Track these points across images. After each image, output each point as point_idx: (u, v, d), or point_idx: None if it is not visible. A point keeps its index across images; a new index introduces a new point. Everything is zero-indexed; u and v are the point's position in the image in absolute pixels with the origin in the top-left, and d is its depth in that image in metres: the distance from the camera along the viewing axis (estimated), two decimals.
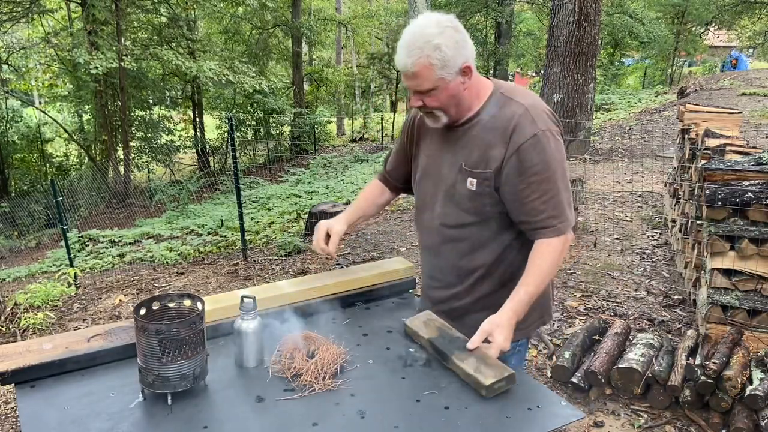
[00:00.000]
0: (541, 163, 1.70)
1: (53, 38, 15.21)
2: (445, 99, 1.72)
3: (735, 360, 3.04)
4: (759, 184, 3.29)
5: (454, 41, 1.67)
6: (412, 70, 1.67)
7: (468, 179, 1.78)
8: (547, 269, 1.74)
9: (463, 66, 1.69)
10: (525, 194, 1.72)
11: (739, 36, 28.16)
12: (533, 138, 1.70)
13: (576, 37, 9.49)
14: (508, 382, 1.58)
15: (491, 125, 1.75)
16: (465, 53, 1.69)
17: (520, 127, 1.71)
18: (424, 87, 1.69)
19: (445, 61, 1.65)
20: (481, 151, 1.76)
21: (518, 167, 1.71)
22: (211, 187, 13.97)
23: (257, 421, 1.46)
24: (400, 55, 1.68)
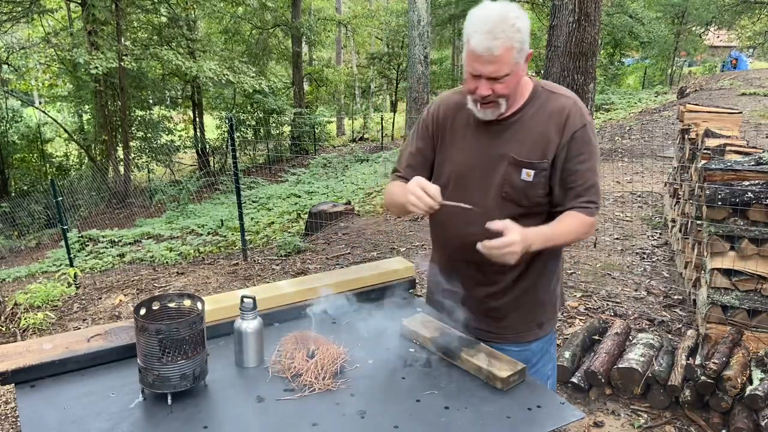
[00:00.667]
0: (587, 152, 1.78)
1: (53, 38, 15.22)
2: (514, 86, 1.72)
3: (735, 360, 3.04)
4: (759, 184, 3.29)
5: (527, 26, 1.68)
6: (496, 53, 1.63)
7: (523, 170, 1.78)
8: (571, 231, 1.78)
9: (528, 53, 1.71)
10: (570, 179, 1.77)
11: (739, 36, 28.17)
12: (583, 128, 1.77)
13: (576, 37, 9.47)
14: (520, 375, 1.62)
15: (542, 117, 1.78)
16: (528, 40, 1.70)
17: (573, 117, 1.77)
18: (502, 72, 1.66)
19: (522, 44, 1.66)
20: (534, 141, 1.77)
21: (568, 154, 1.76)
22: (211, 187, 13.98)
23: (257, 421, 1.46)
24: (484, 39, 1.62)
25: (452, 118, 1.89)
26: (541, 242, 1.71)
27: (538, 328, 1.94)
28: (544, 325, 1.95)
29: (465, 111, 1.84)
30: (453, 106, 1.90)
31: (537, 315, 1.93)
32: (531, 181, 1.77)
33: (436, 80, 23.86)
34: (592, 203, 1.78)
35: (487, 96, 1.71)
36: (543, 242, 1.72)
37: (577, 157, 1.76)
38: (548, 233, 1.74)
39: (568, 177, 1.77)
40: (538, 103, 1.80)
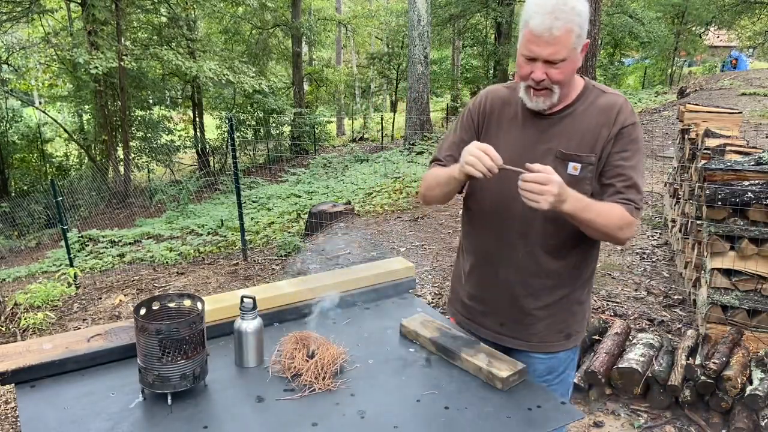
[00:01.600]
0: (632, 150, 1.72)
1: (53, 38, 15.21)
2: (569, 73, 1.67)
3: (735, 360, 3.04)
4: (759, 184, 3.29)
5: (587, 11, 1.64)
6: (556, 34, 1.58)
7: (569, 164, 1.72)
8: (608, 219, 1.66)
9: (586, 42, 1.67)
10: (611, 174, 1.71)
11: (739, 36, 28.16)
12: (633, 125, 1.73)
13: None
14: (520, 375, 1.62)
15: (592, 113, 1.74)
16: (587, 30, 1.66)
17: (623, 113, 1.72)
18: (560, 55, 1.61)
19: (582, 29, 1.62)
20: (583, 136, 1.73)
21: (613, 148, 1.71)
22: (211, 187, 13.97)
23: (257, 421, 1.46)
24: (544, 19, 1.58)
25: (499, 110, 1.84)
26: (576, 203, 1.60)
27: (566, 339, 1.88)
28: (572, 337, 1.89)
29: (513, 105, 1.81)
30: (500, 99, 1.85)
31: (567, 325, 1.87)
32: (577, 176, 1.71)
33: (436, 80, 23.86)
34: (633, 202, 1.69)
35: (541, 81, 1.65)
36: (579, 206, 1.61)
37: (621, 153, 1.70)
38: (587, 201, 1.64)
39: (608, 171, 1.71)
40: (589, 100, 1.76)
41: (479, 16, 20.87)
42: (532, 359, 1.81)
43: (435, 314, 2.02)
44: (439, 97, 27.75)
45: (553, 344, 1.86)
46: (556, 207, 1.56)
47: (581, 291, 1.87)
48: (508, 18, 19.57)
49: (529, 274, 1.80)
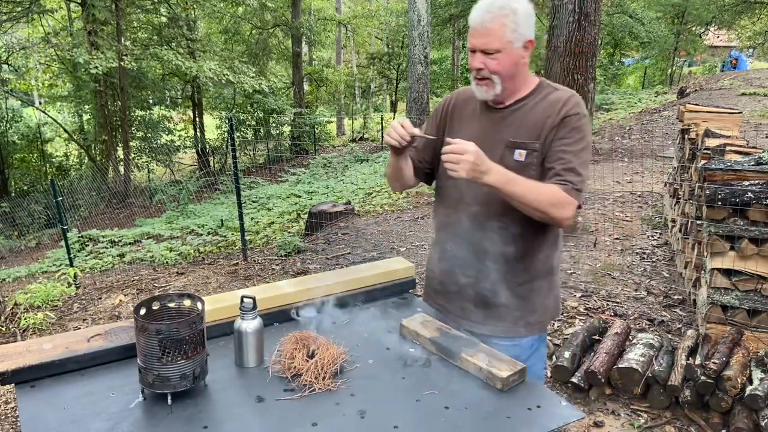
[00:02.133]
0: (574, 138, 1.82)
1: (53, 38, 15.21)
2: (507, 65, 1.81)
3: (735, 360, 3.04)
4: (759, 184, 3.29)
5: (527, 13, 1.79)
6: (487, 25, 1.76)
7: (516, 151, 1.85)
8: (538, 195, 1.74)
9: (527, 40, 1.81)
10: (551, 159, 1.81)
11: (739, 36, 28.16)
12: (577, 116, 1.83)
13: (576, 37, 9.45)
14: (520, 375, 1.62)
15: (541, 106, 1.86)
16: (531, 28, 1.81)
17: (569, 104, 1.84)
18: (493, 46, 1.77)
19: (517, 25, 1.77)
20: (531, 126, 1.85)
21: (555, 135, 1.82)
22: (211, 187, 13.97)
23: (257, 421, 1.46)
24: (478, 11, 1.77)
25: (462, 107, 2.01)
26: (500, 177, 1.71)
27: (525, 326, 1.95)
28: (533, 326, 1.96)
29: (474, 102, 1.96)
30: (464, 98, 2.01)
31: (527, 312, 1.94)
32: (523, 161, 1.83)
33: (436, 80, 23.87)
34: (569, 182, 1.77)
35: (480, 70, 1.81)
36: (503, 179, 1.71)
37: (563, 139, 1.81)
38: (513, 176, 1.73)
39: (550, 157, 1.82)
40: (541, 96, 1.88)
41: None
42: (496, 345, 1.86)
43: (435, 314, 2.02)
44: (439, 97, 27.72)
45: (512, 329, 1.94)
46: (478, 178, 1.68)
47: (541, 280, 1.95)
48: None
49: (487, 260, 1.89)
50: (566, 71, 9.58)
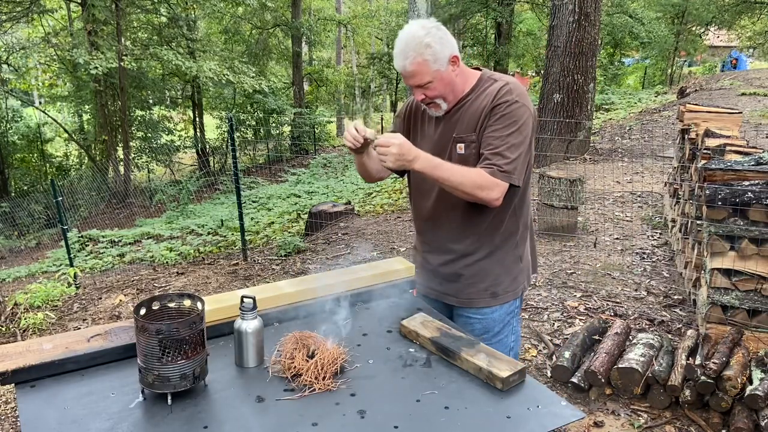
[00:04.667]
0: (504, 125, 1.95)
1: (53, 38, 15.21)
2: (443, 88, 1.99)
3: (735, 360, 3.04)
4: (759, 184, 3.29)
5: (438, 38, 1.93)
6: (410, 69, 1.93)
7: (457, 145, 2.03)
8: (463, 178, 1.91)
9: (451, 57, 1.96)
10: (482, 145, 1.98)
11: (739, 36, 28.15)
12: (506, 103, 1.96)
13: (576, 37, 9.48)
14: (520, 375, 1.62)
15: (479, 100, 2.02)
16: (450, 46, 1.96)
17: (500, 94, 1.98)
18: (424, 81, 1.95)
19: (435, 55, 1.92)
20: (470, 120, 2.02)
21: (486, 122, 1.98)
22: (211, 187, 13.98)
23: (257, 421, 1.46)
24: (398, 59, 1.95)
25: (421, 112, 2.17)
26: (427, 163, 1.90)
27: (491, 297, 2.11)
28: (498, 296, 2.12)
29: None
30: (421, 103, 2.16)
31: (490, 285, 2.10)
32: (464, 154, 2.01)
33: None
34: (495, 165, 1.92)
35: (423, 99, 2.02)
36: (429, 165, 1.90)
37: (492, 127, 1.96)
38: (439, 162, 1.92)
39: (483, 145, 1.98)
40: (480, 90, 2.04)
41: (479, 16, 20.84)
42: (468, 318, 2.10)
43: (437, 314, 2.03)
44: None
45: (479, 300, 2.11)
46: (406, 166, 1.89)
47: (504, 255, 2.11)
48: (508, 18, 19.56)
49: (453, 233, 2.09)
50: (566, 71, 9.60)
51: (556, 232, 5.86)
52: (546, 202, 5.92)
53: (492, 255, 2.09)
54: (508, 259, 2.12)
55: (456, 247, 2.10)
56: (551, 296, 4.58)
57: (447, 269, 2.13)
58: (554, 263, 5.28)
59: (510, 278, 2.14)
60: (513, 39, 21.27)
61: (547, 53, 10.08)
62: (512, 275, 2.14)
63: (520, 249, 2.16)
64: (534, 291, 4.71)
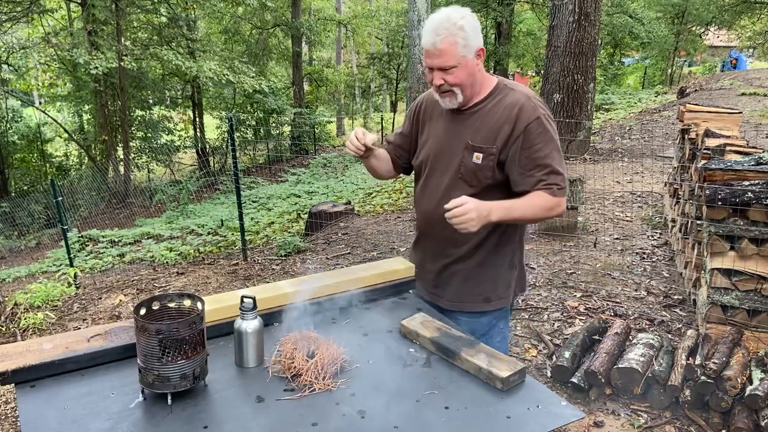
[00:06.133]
0: (542, 141, 1.98)
1: (53, 38, 15.21)
2: (464, 77, 1.97)
3: (735, 360, 3.04)
4: (759, 184, 3.29)
5: (472, 26, 1.94)
6: (440, 46, 1.91)
7: (474, 154, 2.02)
8: (533, 209, 1.99)
9: (478, 49, 1.96)
10: (530, 166, 1.98)
11: (739, 36, 28.15)
12: (537, 120, 1.98)
13: (576, 37, 9.48)
14: (520, 375, 1.62)
15: (497, 109, 2.02)
16: (480, 38, 1.97)
17: (525, 110, 1.98)
18: (449, 64, 1.93)
19: (467, 40, 1.92)
20: (488, 130, 2.02)
21: (524, 143, 1.98)
22: (211, 187, 13.98)
23: (257, 421, 1.46)
24: (429, 35, 1.93)
25: (432, 109, 2.18)
26: (501, 211, 1.93)
27: (484, 302, 2.13)
28: (491, 302, 2.14)
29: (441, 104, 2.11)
30: (433, 99, 2.15)
31: (484, 290, 2.12)
32: (480, 164, 2.02)
33: None
34: (554, 185, 1.99)
35: (441, 85, 1.98)
36: (503, 212, 1.94)
37: (533, 146, 1.97)
38: (508, 204, 1.96)
39: (527, 164, 1.98)
40: (499, 97, 2.04)
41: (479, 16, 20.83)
42: (457, 320, 2.09)
43: (435, 314, 2.02)
44: None
45: (472, 305, 2.14)
46: (486, 222, 1.89)
47: (500, 261, 2.13)
48: (508, 18, 19.56)
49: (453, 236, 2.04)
50: (566, 71, 9.61)
51: (556, 232, 5.87)
52: None
53: (488, 261, 2.11)
54: (504, 266, 2.14)
55: (454, 251, 2.11)
56: (551, 296, 4.58)
57: (443, 272, 2.15)
58: (554, 263, 5.28)
59: (504, 285, 2.15)
60: (513, 39, 21.26)
61: (547, 53, 10.08)
62: (506, 282, 2.16)
63: (516, 257, 2.18)
64: (534, 291, 4.71)
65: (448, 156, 2.09)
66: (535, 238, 5.99)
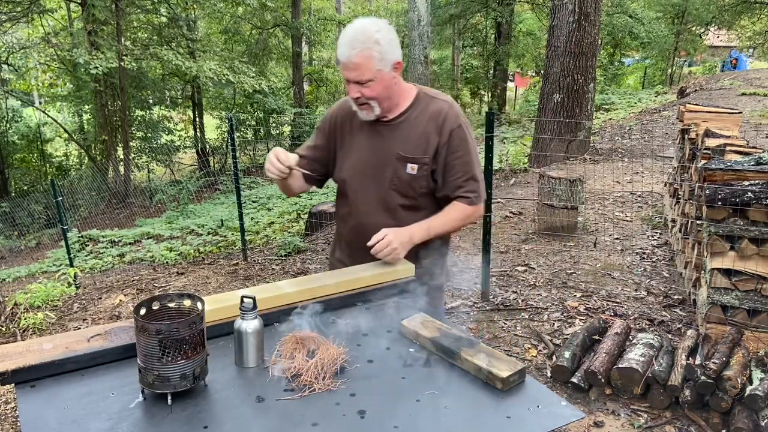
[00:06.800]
0: (463, 149, 2.08)
1: (53, 38, 15.21)
2: (381, 90, 1.98)
3: (735, 360, 3.05)
4: (759, 184, 3.29)
5: (388, 39, 1.94)
6: (355, 60, 1.91)
7: (408, 165, 2.06)
8: (452, 222, 2.11)
9: (395, 62, 1.98)
10: (450, 173, 2.08)
11: (739, 36, 28.15)
12: (459, 127, 2.07)
13: (576, 37, 9.48)
14: (520, 375, 1.62)
15: (422, 118, 2.07)
16: (397, 51, 1.97)
17: (449, 119, 2.06)
18: (365, 77, 1.94)
19: (382, 54, 1.92)
20: (416, 140, 2.06)
21: (448, 150, 2.06)
22: (211, 187, 13.98)
23: (257, 421, 1.46)
24: (344, 48, 1.92)
25: (350, 121, 2.16)
26: (422, 232, 2.05)
27: None
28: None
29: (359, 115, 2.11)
30: (350, 111, 2.13)
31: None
32: (415, 174, 2.07)
33: (436, 80, 23.83)
34: (471, 192, 2.09)
35: (357, 98, 1.99)
36: (424, 232, 2.05)
37: (455, 153, 2.06)
38: (426, 225, 2.06)
39: (449, 171, 2.08)
40: (420, 107, 2.08)
41: (479, 16, 20.87)
42: None
43: (435, 314, 2.02)
44: None
45: None
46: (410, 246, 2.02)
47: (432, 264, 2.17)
48: (508, 18, 19.57)
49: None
50: (566, 71, 9.61)
51: (556, 232, 5.87)
52: (546, 202, 5.93)
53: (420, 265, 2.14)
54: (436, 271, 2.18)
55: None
56: (551, 296, 4.58)
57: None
58: (554, 263, 5.28)
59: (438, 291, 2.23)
60: (513, 39, 21.27)
61: (547, 53, 10.08)
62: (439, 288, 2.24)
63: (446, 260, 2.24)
64: (534, 291, 4.71)
65: (378, 168, 2.10)
66: (535, 238, 6.00)
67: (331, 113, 2.23)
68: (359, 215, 2.17)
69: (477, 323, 4.20)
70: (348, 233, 2.25)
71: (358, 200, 2.16)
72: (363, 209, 2.15)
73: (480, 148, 2.84)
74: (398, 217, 2.12)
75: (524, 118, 17.77)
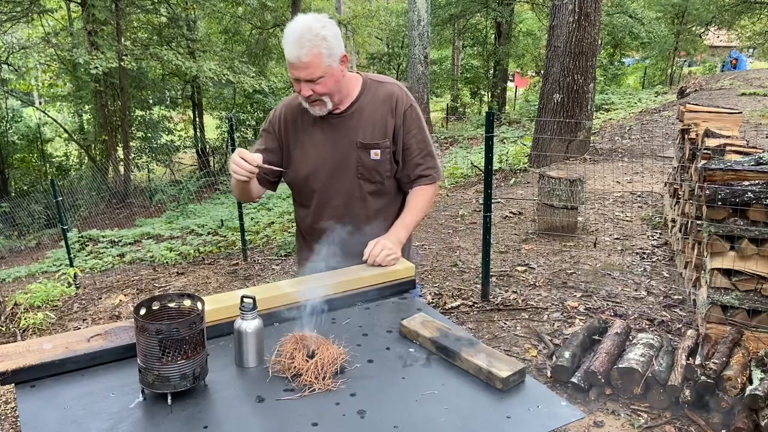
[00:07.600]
0: (417, 127, 2.15)
1: (53, 38, 15.21)
2: (332, 85, 2.00)
3: (735, 360, 3.05)
4: (759, 184, 3.29)
5: (334, 34, 1.96)
6: (305, 60, 1.90)
7: (371, 151, 2.11)
8: (423, 208, 2.18)
9: (342, 56, 2.01)
10: (409, 152, 2.16)
11: (739, 36, 28.16)
12: (410, 107, 2.14)
13: (576, 37, 9.48)
14: (520, 375, 1.62)
15: (375, 104, 2.11)
16: (341, 45, 2.01)
17: (400, 100, 2.13)
18: (316, 75, 1.94)
19: (331, 50, 1.94)
20: (373, 126, 2.10)
21: (404, 130, 2.13)
22: (211, 187, 13.98)
23: (257, 421, 1.46)
24: (292, 48, 1.90)
25: (299, 119, 2.15)
26: (404, 230, 2.14)
27: None
28: None
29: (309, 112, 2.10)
30: (297, 109, 2.14)
31: None
32: (379, 159, 2.12)
33: (436, 80, 23.85)
34: (431, 169, 2.18)
35: (309, 96, 1.99)
36: (405, 229, 2.15)
37: (410, 132, 2.14)
38: (406, 222, 2.16)
39: (408, 150, 2.15)
40: (371, 93, 2.12)
41: (479, 16, 20.87)
42: None
43: (435, 314, 2.02)
44: (439, 97, 27.74)
45: None
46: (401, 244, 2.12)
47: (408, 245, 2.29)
48: (508, 18, 19.57)
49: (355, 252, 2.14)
50: (566, 71, 9.61)
51: (556, 232, 5.87)
52: (546, 202, 5.93)
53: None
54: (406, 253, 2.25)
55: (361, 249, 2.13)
56: (551, 296, 4.58)
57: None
58: (554, 263, 5.28)
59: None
60: (513, 39, 21.27)
61: (547, 53, 10.08)
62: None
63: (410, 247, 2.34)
64: (534, 291, 4.71)
65: (340, 160, 2.11)
66: (535, 238, 6.00)
67: (278, 114, 2.20)
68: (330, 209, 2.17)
69: (477, 323, 4.20)
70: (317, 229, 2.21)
71: (326, 194, 2.16)
72: (334, 202, 2.16)
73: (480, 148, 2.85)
74: (368, 205, 2.17)
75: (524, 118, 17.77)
